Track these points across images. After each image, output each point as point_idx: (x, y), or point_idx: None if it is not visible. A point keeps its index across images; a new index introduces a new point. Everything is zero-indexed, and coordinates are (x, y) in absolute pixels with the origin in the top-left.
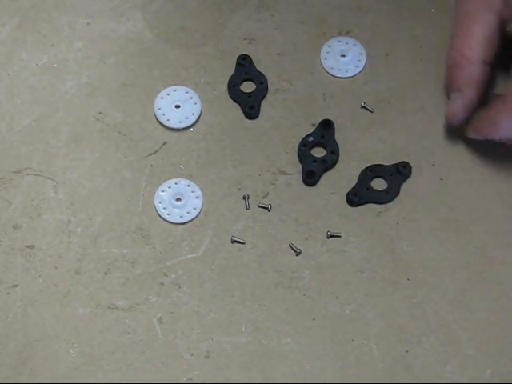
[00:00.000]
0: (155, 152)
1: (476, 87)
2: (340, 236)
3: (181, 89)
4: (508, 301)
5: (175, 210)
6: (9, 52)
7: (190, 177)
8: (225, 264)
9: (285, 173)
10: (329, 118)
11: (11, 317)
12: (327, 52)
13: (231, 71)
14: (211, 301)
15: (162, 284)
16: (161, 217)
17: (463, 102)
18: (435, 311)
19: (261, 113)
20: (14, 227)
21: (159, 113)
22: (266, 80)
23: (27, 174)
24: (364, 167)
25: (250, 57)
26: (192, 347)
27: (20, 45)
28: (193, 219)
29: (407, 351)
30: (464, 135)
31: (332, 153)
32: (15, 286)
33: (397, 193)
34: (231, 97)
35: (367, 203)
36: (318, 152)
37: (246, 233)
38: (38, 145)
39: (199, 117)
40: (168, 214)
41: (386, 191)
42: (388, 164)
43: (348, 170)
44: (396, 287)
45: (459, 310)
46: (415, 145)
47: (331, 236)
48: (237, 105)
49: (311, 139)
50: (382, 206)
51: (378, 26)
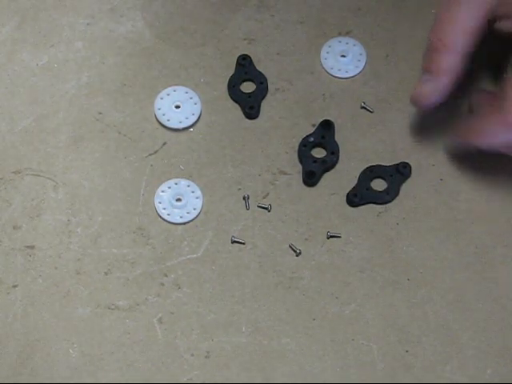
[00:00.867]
0: (155, 152)
1: (450, 75)
2: (340, 236)
3: (181, 89)
4: (508, 301)
5: (175, 210)
6: (9, 52)
7: (190, 177)
8: (225, 264)
9: (285, 173)
10: (329, 119)
11: (11, 317)
12: (327, 52)
13: (231, 71)
14: (211, 301)
15: (162, 284)
16: (161, 217)
17: (434, 86)
18: (435, 311)
19: (261, 113)
20: (14, 227)
21: (159, 113)
22: (266, 80)
23: (27, 174)
24: (364, 167)
25: (250, 57)
26: (192, 347)
27: (20, 45)
28: (193, 219)
29: (407, 351)
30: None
31: (332, 153)
32: (15, 286)
33: (397, 193)
34: (231, 97)
35: (367, 203)
36: (318, 152)
37: (246, 233)
38: (38, 145)
39: (199, 117)
40: (168, 214)
41: (386, 191)
42: (388, 164)
43: (348, 171)
44: (396, 287)
45: (459, 310)
46: (415, 145)
47: (331, 236)
48: (237, 105)
49: (311, 139)
50: (382, 207)
51: (378, 26)
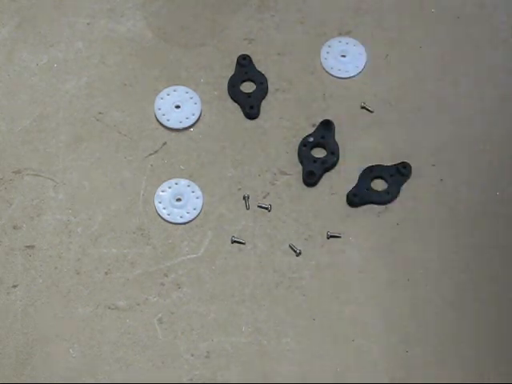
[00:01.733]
0: (155, 152)
1: None
2: (340, 236)
3: (181, 89)
4: (508, 301)
5: (175, 210)
6: (9, 52)
7: (190, 177)
8: (225, 264)
9: (285, 173)
10: (329, 119)
11: (11, 317)
12: (327, 52)
13: (231, 71)
14: (211, 301)
15: (162, 284)
16: (161, 217)
17: None
18: (435, 311)
19: (261, 113)
20: (14, 227)
21: (159, 113)
22: (266, 80)
23: (27, 174)
24: (364, 167)
25: (250, 57)
26: (192, 347)
27: (20, 45)
28: (193, 219)
29: (407, 351)
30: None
31: (332, 153)
32: (15, 286)
33: (397, 193)
34: (231, 97)
35: (367, 203)
36: (318, 152)
37: (246, 233)
38: (38, 145)
39: (199, 117)
40: (168, 214)
41: (386, 191)
42: (388, 164)
43: (348, 171)
44: (396, 287)
45: (459, 310)
46: (415, 145)
47: (331, 236)
48: (237, 105)
49: (311, 139)
50: (382, 207)
51: (378, 26)
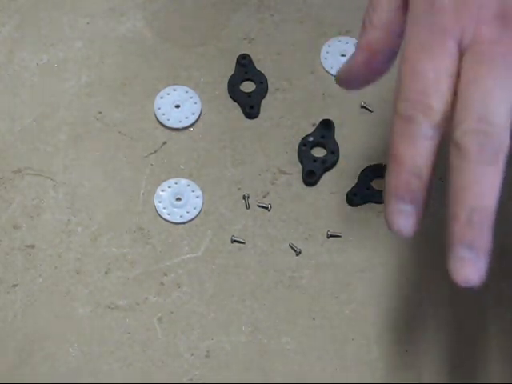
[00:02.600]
0: (155, 152)
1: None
2: (340, 236)
3: (181, 88)
4: (508, 300)
5: (175, 210)
6: (9, 52)
7: (190, 176)
8: (225, 263)
9: (285, 173)
10: (329, 118)
11: (11, 316)
12: (327, 52)
13: (231, 71)
14: (211, 300)
15: (162, 284)
16: (161, 216)
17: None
18: (435, 311)
19: (261, 112)
20: (14, 227)
21: (159, 112)
22: (266, 80)
23: (27, 174)
24: (364, 167)
25: (250, 56)
26: (192, 347)
27: (20, 44)
28: (193, 219)
29: (407, 351)
30: None
31: (332, 153)
32: (15, 286)
33: None
34: (231, 96)
35: (367, 203)
36: (318, 152)
37: (246, 232)
38: (38, 144)
39: (199, 116)
40: (168, 214)
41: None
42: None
43: (348, 170)
44: (396, 287)
45: (459, 310)
46: None
47: (331, 236)
48: (237, 104)
49: (311, 139)
50: (382, 206)
51: None
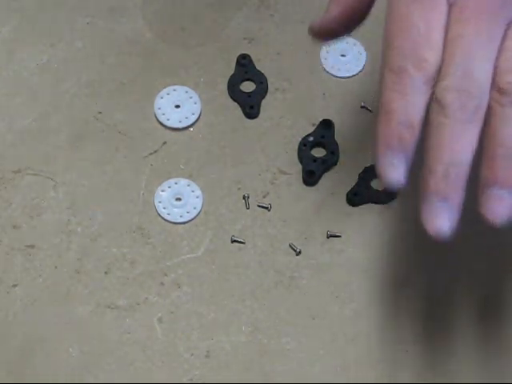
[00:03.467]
0: (155, 152)
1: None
2: (340, 236)
3: (181, 88)
4: (508, 300)
5: (175, 210)
6: (9, 52)
7: (190, 176)
8: (225, 263)
9: (285, 172)
10: (329, 118)
11: (11, 316)
12: (327, 51)
13: (231, 71)
14: (211, 300)
15: (162, 284)
16: (161, 216)
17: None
18: (435, 311)
19: (261, 112)
20: (14, 227)
21: (159, 112)
22: (266, 79)
23: (27, 174)
24: (364, 167)
25: (250, 56)
26: (192, 347)
27: (20, 44)
28: (193, 219)
29: (407, 351)
30: None
31: (332, 153)
32: (15, 286)
33: (397, 192)
34: (231, 96)
35: (367, 203)
36: (318, 152)
37: (246, 232)
38: (38, 144)
39: (199, 116)
40: (168, 214)
41: (386, 191)
42: None
43: (348, 170)
44: (396, 287)
45: (459, 310)
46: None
47: (331, 236)
48: (237, 104)
49: (311, 139)
50: (383, 206)
51: (378, 25)
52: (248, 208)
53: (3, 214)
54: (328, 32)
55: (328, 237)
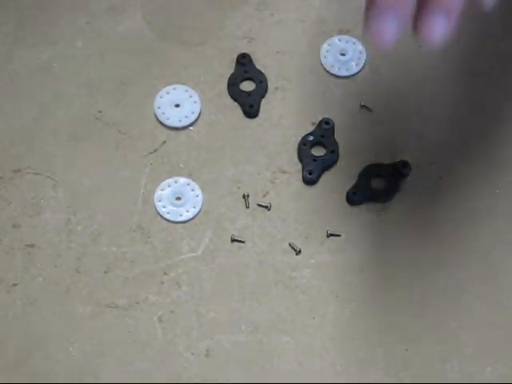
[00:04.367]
0: (155, 151)
1: None
2: (340, 235)
3: (180, 87)
4: (508, 301)
5: (175, 209)
6: (8, 51)
7: (190, 175)
8: (224, 263)
9: (285, 172)
10: (328, 117)
11: (11, 316)
12: (327, 51)
13: (231, 70)
14: (211, 300)
15: (162, 283)
16: (160, 215)
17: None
18: (435, 310)
19: (260, 111)
20: (14, 226)
21: (159, 111)
22: (266, 79)
23: (27, 173)
24: (364, 166)
25: (250, 55)
26: (192, 346)
27: (20, 44)
28: (192, 218)
29: (407, 350)
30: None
31: (332, 152)
32: (15, 285)
33: (396, 191)
34: (231, 95)
35: (367, 202)
36: (318, 151)
37: (246, 232)
38: (38, 143)
39: (199, 115)
40: (168, 213)
41: (386, 190)
42: (388, 163)
43: (348, 169)
44: (396, 286)
45: (459, 310)
46: (415, 144)
47: (331, 235)
48: (236, 103)
49: (311, 138)
50: (382, 205)
51: None
52: (248, 207)
53: (3, 214)
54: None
55: (328, 236)
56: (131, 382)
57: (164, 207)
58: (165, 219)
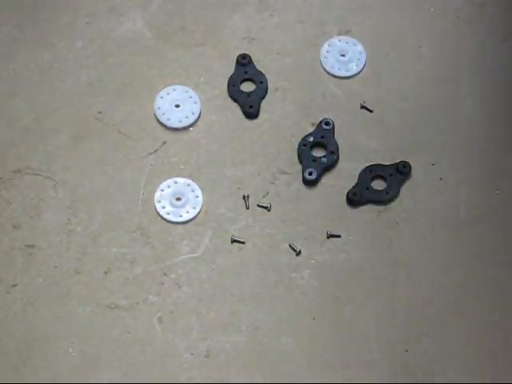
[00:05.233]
0: (155, 151)
1: None
2: (340, 236)
3: (180, 88)
4: (508, 301)
5: (175, 210)
6: (9, 51)
7: (190, 176)
8: (224, 263)
9: (285, 172)
10: (328, 118)
11: (11, 316)
12: (327, 51)
13: (231, 71)
14: (211, 300)
15: (162, 283)
16: (160, 216)
17: None
18: (435, 311)
19: (261, 112)
20: (14, 226)
21: (159, 112)
22: (266, 79)
23: (27, 174)
24: (364, 167)
25: (250, 56)
26: (192, 346)
27: (20, 44)
28: (192, 218)
29: (407, 351)
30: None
31: (332, 153)
32: (15, 286)
33: (397, 193)
34: (231, 96)
35: (367, 203)
36: (318, 152)
37: (246, 232)
38: (38, 144)
39: (199, 116)
40: (168, 214)
41: (386, 191)
42: (388, 164)
43: (348, 170)
44: (396, 287)
45: (459, 310)
46: (415, 144)
47: (331, 236)
48: (236, 104)
49: (311, 139)
50: (382, 206)
51: (378, 26)
52: (248, 208)
53: (3, 214)
54: None
55: (328, 237)
56: (131, 382)
57: (164, 208)
58: (165, 220)
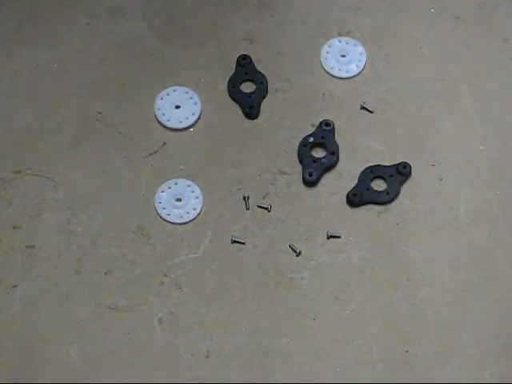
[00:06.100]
0: (155, 152)
1: None
2: (340, 236)
3: (181, 89)
4: (508, 301)
5: (175, 210)
6: (9, 52)
7: (190, 177)
8: (225, 264)
9: (285, 173)
10: (329, 119)
11: (11, 317)
12: (327, 52)
13: (231, 71)
14: (211, 301)
15: (162, 284)
16: (161, 217)
17: None
18: (435, 311)
19: (261, 113)
20: (14, 227)
21: (159, 113)
22: (266, 80)
23: (27, 174)
24: (364, 167)
25: (250, 57)
26: (192, 347)
27: (20, 45)
28: (193, 219)
29: (407, 351)
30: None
31: (332, 153)
32: (15, 286)
33: (397, 193)
34: (231, 97)
35: (367, 203)
36: (318, 152)
37: (246, 233)
38: (38, 145)
39: (199, 117)
40: (168, 214)
41: (386, 192)
42: (388, 164)
43: (348, 171)
44: (396, 287)
45: (459, 310)
46: (415, 145)
47: (331, 236)
48: (237, 105)
49: (311, 139)
50: (382, 207)
51: (378, 26)
52: (248, 208)
53: (3, 214)
54: None
55: (328, 237)
56: (131, 383)
57: (164, 208)
58: (165, 220)
